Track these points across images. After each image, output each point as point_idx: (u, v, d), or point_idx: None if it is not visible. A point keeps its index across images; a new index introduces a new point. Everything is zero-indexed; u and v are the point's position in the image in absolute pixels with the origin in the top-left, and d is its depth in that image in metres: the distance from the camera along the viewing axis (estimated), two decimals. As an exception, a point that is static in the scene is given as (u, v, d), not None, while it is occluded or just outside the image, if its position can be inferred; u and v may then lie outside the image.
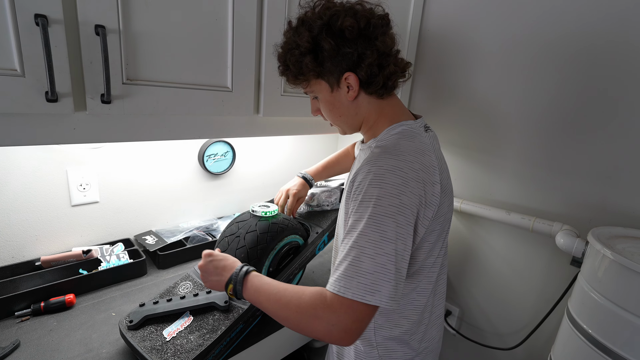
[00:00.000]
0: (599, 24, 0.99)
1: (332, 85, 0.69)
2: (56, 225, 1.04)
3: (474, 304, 1.37)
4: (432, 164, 0.64)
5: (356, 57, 0.65)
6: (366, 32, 0.64)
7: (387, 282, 0.56)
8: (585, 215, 1.06)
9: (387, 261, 0.56)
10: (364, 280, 0.55)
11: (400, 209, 0.58)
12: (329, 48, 0.64)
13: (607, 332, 0.79)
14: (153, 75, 0.72)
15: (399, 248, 0.57)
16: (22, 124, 0.61)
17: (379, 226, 0.57)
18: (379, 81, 0.67)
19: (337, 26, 0.63)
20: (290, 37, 0.69)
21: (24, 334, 0.80)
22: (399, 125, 0.70)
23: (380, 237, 0.57)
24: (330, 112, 0.74)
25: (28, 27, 0.56)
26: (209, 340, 0.75)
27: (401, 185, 0.58)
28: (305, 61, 0.66)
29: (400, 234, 0.58)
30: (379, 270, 0.56)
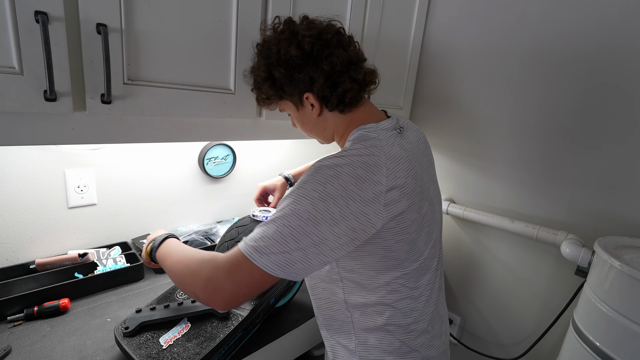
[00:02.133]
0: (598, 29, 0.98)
1: (296, 104, 0.73)
2: (52, 227, 1.02)
3: (476, 313, 1.35)
4: (377, 163, 0.61)
5: (308, 80, 0.68)
6: (311, 56, 0.66)
7: (279, 252, 0.55)
8: (590, 224, 1.05)
9: (289, 234, 0.56)
10: (261, 243, 0.56)
11: (322, 196, 0.57)
12: (280, 76, 0.68)
13: (613, 344, 0.77)
14: (155, 75, 0.71)
15: (307, 228, 0.56)
16: (20, 123, 0.59)
17: (295, 204, 0.58)
18: (333, 100, 0.68)
19: (283, 55, 0.67)
20: (253, 63, 0.75)
21: (16, 339, 0.77)
22: (357, 130, 0.69)
23: (292, 212, 0.57)
24: (302, 127, 0.78)
25: (28, 24, 0.55)
26: (206, 348, 0.73)
27: (331, 177, 0.59)
28: (264, 87, 0.71)
29: (314, 217, 0.56)
30: (276, 238, 0.56)
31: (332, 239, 0.57)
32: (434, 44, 1.36)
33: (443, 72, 1.35)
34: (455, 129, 1.34)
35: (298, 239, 0.56)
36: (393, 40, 1.24)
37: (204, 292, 0.58)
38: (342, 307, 0.73)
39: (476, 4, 1.23)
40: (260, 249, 0.56)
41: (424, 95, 1.43)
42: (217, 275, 0.57)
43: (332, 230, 0.57)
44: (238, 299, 0.58)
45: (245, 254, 0.56)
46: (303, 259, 0.57)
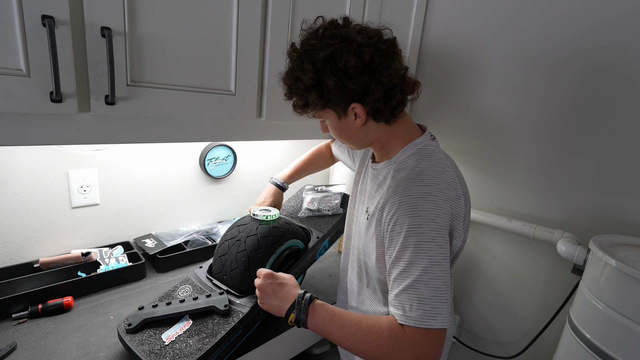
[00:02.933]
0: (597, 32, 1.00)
1: (339, 114, 0.70)
2: (56, 226, 1.03)
3: (474, 312, 1.36)
4: (453, 178, 0.67)
5: (361, 91, 0.65)
6: (371, 68, 0.64)
7: (444, 303, 0.59)
8: (586, 223, 1.06)
9: (441, 283, 0.60)
10: (425, 307, 0.59)
11: (439, 232, 0.62)
12: (332, 85, 0.64)
13: (609, 340, 0.78)
14: (157, 77, 0.72)
15: (444, 267, 0.61)
16: (26, 124, 0.61)
17: (426, 252, 0.61)
18: (385, 113, 0.68)
19: (341, 64, 0.63)
20: (294, 67, 0.68)
21: (20, 336, 0.79)
22: (414, 145, 0.72)
23: (429, 262, 0.60)
24: (339, 135, 0.76)
25: (35, 28, 0.56)
26: (208, 344, 0.74)
27: (434, 209, 0.62)
28: (310, 97, 0.67)
29: (444, 255, 0.62)
30: (436, 295, 0.59)
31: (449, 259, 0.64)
32: (432, 45, 1.37)
33: (441, 72, 1.36)
34: (453, 129, 1.35)
35: (445, 279, 0.60)
36: (391, 42, 1.25)
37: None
38: None
39: (475, 5, 1.24)
40: (429, 312, 0.59)
41: (422, 95, 1.43)
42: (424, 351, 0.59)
43: (447, 254, 0.63)
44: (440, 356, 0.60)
45: (422, 326, 0.59)
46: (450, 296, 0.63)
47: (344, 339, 0.64)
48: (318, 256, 1.06)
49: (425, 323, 0.58)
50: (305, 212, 1.17)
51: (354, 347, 0.64)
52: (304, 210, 1.18)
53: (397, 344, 0.60)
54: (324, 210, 1.16)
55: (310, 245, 1.03)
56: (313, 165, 1.21)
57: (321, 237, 1.06)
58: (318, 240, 1.05)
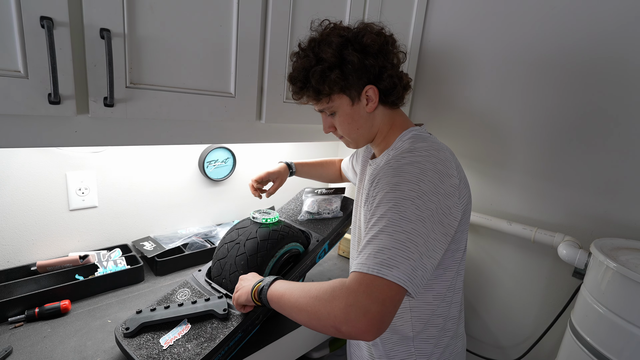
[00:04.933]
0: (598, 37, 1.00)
1: (353, 98, 0.72)
2: (53, 229, 1.02)
3: (475, 315, 1.35)
4: (447, 157, 0.66)
5: (377, 70, 0.70)
6: (385, 48, 0.71)
7: (405, 260, 0.53)
8: (587, 226, 1.06)
9: (406, 239, 0.55)
10: (382, 256, 0.54)
11: (419, 194, 0.59)
12: (355, 61, 0.68)
13: (611, 345, 0.78)
14: (156, 79, 0.72)
15: (418, 228, 0.56)
16: (24, 125, 0.60)
17: (398, 207, 0.58)
18: (399, 90, 0.73)
19: (361, 42, 0.69)
20: (307, 56, 0.71)
21: (16, 340, 0.78)
22: (409, 131, 0.75)
23: (399, 217, 0.57)
24: (349, 125, 0.76)
25: (33, 29, 0.56)
26: (207, 349, 0.73)
27: (419, 174, 0.61)
28: (331, 75, 0.69)
29: (420, 216, 0.57)
30: (397, 247, 0.54)
31: (434, 236, 0.58)
32: (432, 46, 1.37)
33: (441, 74, 1.36)
34: (453, 132, 1.35)
35: (415, 241, 0.55)
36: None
37: (348, 322, 0.52)
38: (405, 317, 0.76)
39: (475, 7, 1.25)
40: (385, 262, 0.53)
41: (421, 97, 1.44)
42: (357, 299, 0.52)
43: (433, 228, 0.58)
44: (386, 319, 0.52)
45: (373, 273, 0.52)
46: (420, 265, 0.55)
47: (290, 299, 0.62)
48: (318, 259, 1.06)
49: (373, 270, 0.52)
50: (305, 215, 1.17)
51: (297, 303, 0.60)
52: (303, 213, 1.17)
53: (333, 292, 0.55)
54: (323, 213, 1.16)
55: (310, 248, 1.03)
56: (324, 168, 1.23)
57: (321, 240, 1.05)
58: (318, 243, 1.04)
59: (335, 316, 0.53)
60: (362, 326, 0.51)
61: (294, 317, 0.62)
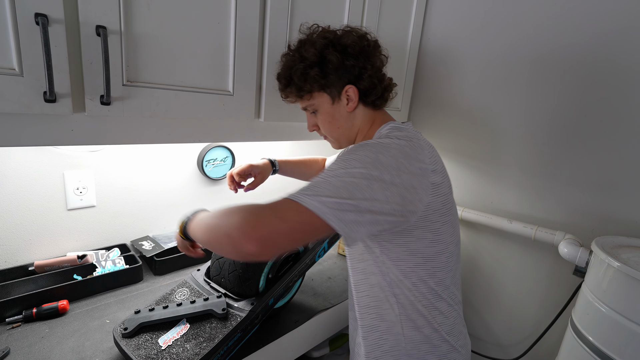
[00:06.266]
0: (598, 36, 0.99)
1: (333, 97, 0.75)
2: (51, 229, 1.02)
3: (475, 314, 1.35)
4: (421, 146, 0.65)
5: (357, 70, 0.72)
6: (366, 50, 0.73)
7: (330, 196, 0.52)
8: (588, 224, 1.05)
9: (341, 185, 0.54)
10: (309, 190, 0.54)
11: (374, 162, 0.57)
12: (335, 60, 0.70)
13: (612, 344, 0.77)
14: (153, 77, 0.71)
15: (360, 183, 0.54)
16: (20, 124, 0.60)
17: (346, 163, 0.58)
18: (378, 91, 0.75)
19: (342, 43, 0.71)
20: (293, 55, 0.75)
21: (14, 341, 0.77)
22: (387, 124, 0.75)
23: (343, 169, 0.57)
24: (330, 123, 0.78)
25: (28, 26, 0.55)
26: (205, 349, 0.73)
27: (382, 148, 0.61)
28: (311, 73, 0.71)
29: (366, 176, 0.55)
30: (325, 186, 0.54)
31: (383, 199, 0.56)
32: (432, 47, 1.37)
33: (440, 74, 1.36)
34: (453, 131, 1.34)
35: (350, 190, 0.53)
36: (391, 43, 1.24)
37: (240, 228, 0.50)
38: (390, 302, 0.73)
39: (474, 7, 1.24)
40: (308, 191, 0.53)
41: (421, 97, 1.43)
42: (260, 211, 0.51)
43: (383, 192, 0.56)
44: (280, 237, 0.50)
45: (292, 198, 0.52)
46: (355, 209, 0.53)
47: (202, 221, 0.64)
48: (317, 258, 1.05)
49: (296, 197, 0.52)
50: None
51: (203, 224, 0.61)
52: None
53: (240, 205, 0.54)
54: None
55: (309, 247, 1.02)
56: (307, 166, 1.20)
57: (320, 239, 1.05)
58: (317, 242, 1.04)
59: (231, 221, 0.52)
60: (254, 234, 0.49)
61: (202, 239, 0.63)
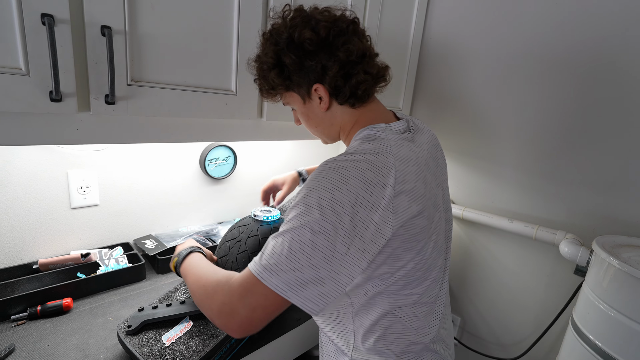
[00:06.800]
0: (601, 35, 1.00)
1: (303, 97, 0.69)
2: (55, 227, 1.02)
3: (476, 313, 1.35)
4: (386, 164, 0.57)
5: (320, 69, 0.64)
6: (326, 43, 0.63)
7: (290, 270, 0.51)
8: (589, 223, 1.05)
9: (299, 249, 0.52)
10: (270, 260, 0.53)
11: (330, 203, 0.53)
12: (290, 62, 0.64)
13: (613, 342, 0.78)
14: (158, 77, 0.72)
15: (318, 241, 0.52)
16: (26, 123, 0.60)
17: (304, 216, 0.53)
18: (345, 92, 0.65)
19: (297, 39, 0.62)
20: (259, 51, 0.70)
21: (19, 338, 0.78)
22: (365, 129, 0.66)
23: (301, 224, 0.53)
24: (307, 122, 0.74)
25: (34, 27, 0.56)
26: (208, 346, 0.73)
27: (338, 181, 0.55)
28: (271, 76, 0.66)
29: (325, 229, 0.52)
30: (286, 255, 0.52)
31: (343, 251, 0.53)
32: (434, 44, 1.37)
33: (442, 72, 1.36)
34: (455, 129, 1.35)
35: (309, 254, 0.52)
36: (392, 39, 1.25)
37: (220, 317, 0.56)
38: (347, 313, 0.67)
39: (475, 6, 1.24)
40: (270, 267, 0.52)
41: (423, 95, 1.44)
42: (232, 300, 0.54)
43: (343, 242, 0.53)
44: (254, 324, 0.54)
45: (255, 273, 0.53)
46: (315, 279, 0.52)
47: (194, 285, 0.65)
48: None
49: (259, 273, 0.52)
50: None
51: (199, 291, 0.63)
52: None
53: (216, 286, 0.57)
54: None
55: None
56: None
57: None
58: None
59: (211, 309, 0.57)
60: (231, 325, 0.55)
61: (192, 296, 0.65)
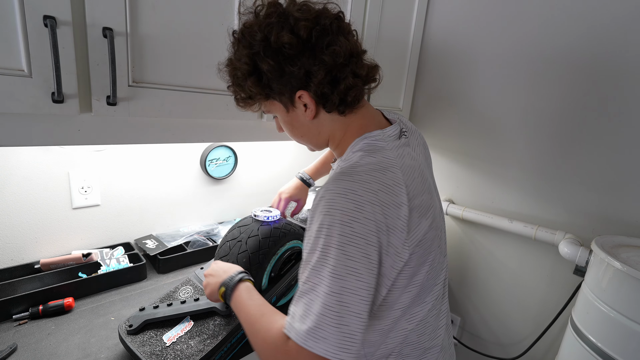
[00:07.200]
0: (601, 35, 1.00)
1: (285, 105, 0.62)
2: (56, 227, 1.03)
3: (476, 313, 1.35)
4: (396, 181, 0.54)
5: (303, 74, 0.57)
6: (309, 45, 0.56)
7: (334, 328, 0.48)
8: (588, 224, 1.06)
9: (336, 302, 0.49)
10: (309, 323, 0.49)
11: (351, 239, 0.50)
12: (268, 69, 0.57)
13: (612, 342, 0.78)
14: (159, 78, 0.72)
15: (351, 285, 0.49)
16: (28, 124, 0.61)
17: (329, 260, 0.50)
18: (334, 99, 0.59)
19: (274, 43, 0.55)
20: (231, 54, 0.61)
21: (21, 337, 0.78)
22: (362, 138, 0.61)
23: (330, 274, 0.50)
24: (291, 132, 0.68)
25: (37, 28, 0.56)
26: (209, 345, 0.74)
27: (353, 210, 0.51)
28: (247, 84, 0.59)
29: (353, 269, 0.50)
30: (325, 314, 0.49)
31: (373, 285, 0.51)
32: (434, 44, 1.37)
33: (442, 72, 1.37)
34: (455, 129, 1.35)
35: (346, 303, 0.49)
36: (392, 40, 1.25)
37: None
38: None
39: (475, 7, 1.24)
40: (312, 331, 0.48)
41: (423, 96, 1.44)
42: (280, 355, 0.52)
43: (369, 275, 0.51)
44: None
45: (300, 343, 0.49)
46: (357, 322, 0.49)
47: (245, 326, 0.61)
48: (319, 257, 1.06)
49: (304, 342, 0.49)
50: (306, 213, 1.17)
51: (250, 337, 0.59)
52: (305, 211, 1.17)
53: (275, 352, 0.53)
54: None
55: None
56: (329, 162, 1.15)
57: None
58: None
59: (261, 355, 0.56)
60: None
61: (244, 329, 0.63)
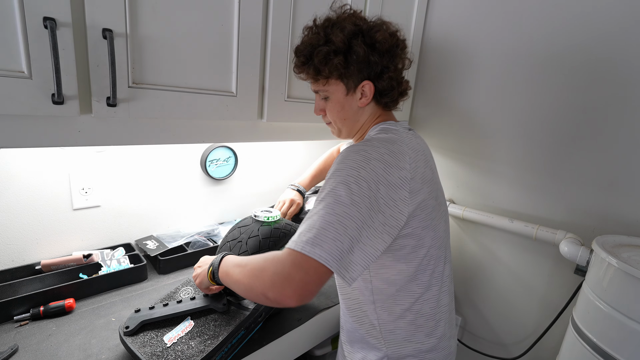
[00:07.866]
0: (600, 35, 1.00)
1: (349, 88, 0.73)
2: (57, 228, 1.03)
3: (477, 313, 1.35)
4: (401, 151, 0.66)
5: (380, 68, 0.71)
6: (394, 49, 0.72)
7: (331, 240, 0.55)
8: (589, 223, 1.06)
9: (336, 221, 0.57)
10: (308, 234, 0.57)
11: (356, 179, 0.60)
12: (361, 53, 0.68)
13: (613, 342, 0.78)
14: (159, 79, 0.72)
15: (350, 212, 0.58)
16: (28, 125, 0.61)
17: (334, 192, 0.60)
18: (394, 94, 0.75)
19: (372, 37, 0.69)
20: (318, 33, 0.71)
21: (22, 338, 0.78)
22: (379, 125, 0.76)
23: (334, 200, 0.59)
24: (338, 113, 0.77)
25: (36, 30, 0.56)
26: (210, 346, 0.74)
27: (362, 161, 0.62)
28: (334, 60, 0.69)
29: (355, 201, 0.58)
30: (325, 227, 0.56)
31: (370, 223, 0.59)
32: (433, 44, 1.37)
33: (442, 72, 1.36)
34: (455, 129, 1.35)
35: (345, 224, 0.57)
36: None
37: (273, 288, 0.56)
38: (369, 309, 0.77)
39: (475, 6, 1.24)
40: (310, 240, 0.56)
41: (423, 95, 1.44)
42: (284, 267, 0.56)
43: (370, 215, 0.59)
44: (309, 288, 0.55)
45: (298, 250, 0.56)
46: (349, 248, 0.56)
47: (233, 274, 0.67)
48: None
49: (301, 247, 0.55)
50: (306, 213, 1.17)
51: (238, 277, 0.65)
52: (305, 212, 1.17)
53: (264, 263, 0.60)
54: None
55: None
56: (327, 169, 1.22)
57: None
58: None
59: (263, 283, 0.58)
60: (287, 293, 0.55)
61: (236, 290, 0.67)
